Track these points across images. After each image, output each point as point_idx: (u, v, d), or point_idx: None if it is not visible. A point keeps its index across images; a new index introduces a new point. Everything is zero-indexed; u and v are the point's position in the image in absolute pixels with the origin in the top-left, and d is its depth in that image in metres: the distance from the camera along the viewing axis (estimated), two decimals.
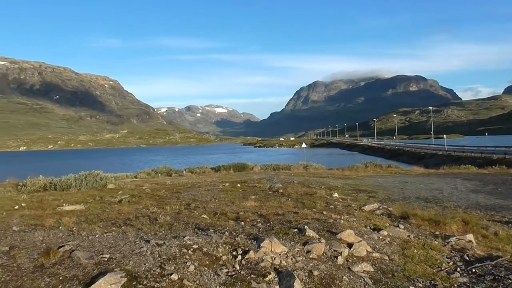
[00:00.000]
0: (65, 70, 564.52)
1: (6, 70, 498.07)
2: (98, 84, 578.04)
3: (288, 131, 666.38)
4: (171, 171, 28.69)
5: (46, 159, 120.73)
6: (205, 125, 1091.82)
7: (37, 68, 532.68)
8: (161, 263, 4.98)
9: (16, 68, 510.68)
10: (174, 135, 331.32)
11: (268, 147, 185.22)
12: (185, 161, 78.95)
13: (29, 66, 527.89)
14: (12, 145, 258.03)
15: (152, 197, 12.24)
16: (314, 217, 8.20)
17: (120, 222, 7.60)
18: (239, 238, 6.13)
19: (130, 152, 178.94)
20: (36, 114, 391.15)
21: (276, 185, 14.75)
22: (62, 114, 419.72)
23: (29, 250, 5.49)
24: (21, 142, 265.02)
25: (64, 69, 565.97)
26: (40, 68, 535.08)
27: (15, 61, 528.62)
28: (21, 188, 16.18)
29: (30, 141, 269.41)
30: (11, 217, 8.56)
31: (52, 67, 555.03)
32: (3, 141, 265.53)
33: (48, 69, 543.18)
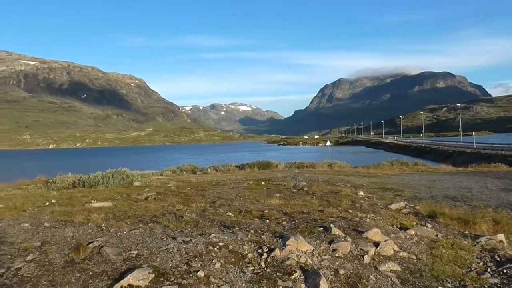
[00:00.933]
0: (93, 70, 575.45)
1: (36, 70, 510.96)
2: (124, 83, 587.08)
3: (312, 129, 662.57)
4: (196, 169, 28.86)
5: (74, 157, 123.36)
6: (229, 123, 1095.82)
7: (66, 67, 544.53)
8: (187, 260, 5.04)
9: (45, 68, 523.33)
10: (199, 133, 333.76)
11: (292, 145, 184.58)
12: (210, 159, 79.48)
13: (58, 66, 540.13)
14: (42, 143, 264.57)
15: (177, 194, 12.37)
16: (339, 216, 8.14)
17: (147, 219, 7.71)
18: (264, 236, 6.14)
19: (155, 150, 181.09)
20: (65, 112, 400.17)
21: (301, 183, 14.70)
22: (89, 113, 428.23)
23: (60, 245, 5.64)
24: (50, 140, 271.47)
25: (92, 68, 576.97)
26: (68, 67, 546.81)
27: (45, 61, 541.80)
28: (51, 185, 16.59)
29: (59, 139, 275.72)
30: (42, 213, 8.79)
31: (80, 66, 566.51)
32: (34, 139, 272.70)
33: (76, 68, 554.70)
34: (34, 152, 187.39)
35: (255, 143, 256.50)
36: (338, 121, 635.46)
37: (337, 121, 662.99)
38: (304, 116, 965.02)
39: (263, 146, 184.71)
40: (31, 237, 6.17)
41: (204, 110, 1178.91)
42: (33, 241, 5.88)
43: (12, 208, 9.83)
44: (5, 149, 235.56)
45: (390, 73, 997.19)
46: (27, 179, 19.91)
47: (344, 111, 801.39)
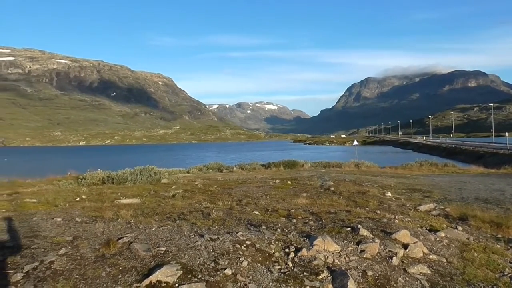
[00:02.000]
0: (122, 68, 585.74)
1: (68, 69, 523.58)
2: (152, 81, 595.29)
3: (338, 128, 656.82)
4: (222, 167, 29.02)
5: (103, 154, 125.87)
6: (255, 121, 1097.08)
7: (96, 66, 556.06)
8: (215, 257, 5.07)
9: (76, 67, 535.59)
10: (225, 132, 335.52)
11: (318, 144, 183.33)
12: (236, 157, 79.76)
13: (88, 65, 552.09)
14: (72, 140, 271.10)
15: (204, 192, 12.47)
16: (367, 216, 8.05)
17: (175, 216, 7.80)
18: (291, 236, 6.13)
19: (182, 147, 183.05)
20: (95, 110, 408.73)
21: (327, 182, 14.60)
22: (118, 111, 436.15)
23: (91, 240, 5.76)
24: (81, 137, 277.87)
25: (121, 67, 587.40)
26: (98, 66, 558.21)
27: (76, 60, 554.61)
28: (81, 181, 16.98)
29: (89, 136, 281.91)
30: (73, 208, 9.01)
31: (110, 65, 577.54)
32: (65, 136, 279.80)
33: (106, 67, 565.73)
34: (64, 149, 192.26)
35: (281, 142, 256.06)
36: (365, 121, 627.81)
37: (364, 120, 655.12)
38: (330, 115, 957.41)
39: (289, 145, 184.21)
40: (63, 231, 6.33)
41: (231, 109, 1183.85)
42: (65, 235, 6.04)
43: (45, 203, 10.12)
44: (38, 145, 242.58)
45: (420, 72, 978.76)
46: (58, 175, 20.46)
47: (371, 111, 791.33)
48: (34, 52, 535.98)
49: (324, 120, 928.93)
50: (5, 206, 9.57)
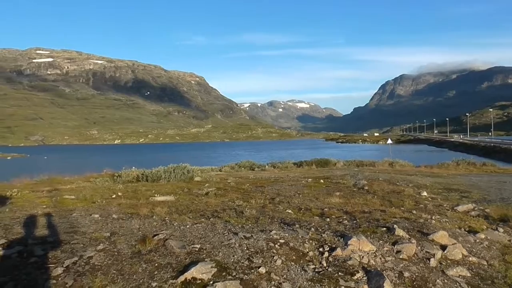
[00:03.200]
0: (155, 68, 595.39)
1: (103, 69, 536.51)
2: (185, 80, 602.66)
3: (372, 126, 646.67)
4: (254, 165, 29.07)
5: (138, 152, 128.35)
6: (286, 120, 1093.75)
7: (131, 66, 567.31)
8: (249, 255, 5.08)
9: (112, 67, 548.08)
10: (257, 130, 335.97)
11: (351, 143, 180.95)
12: (267, 156, 79.73)
13: (123, 65, 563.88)
14: (108, 138, 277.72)
15: (237, 190, 12.52)
16: (402, 216, 7.89)
17: (208, 214, 7.87)
18: (325, 235, 6.06)
19: (214, 146, 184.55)
20: (129, 109, 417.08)
21: (361, 181, 14.40)
22: (152, 110, 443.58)
23: (127, 236, 5.88)
24: (116, 136, 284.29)
25: (155, 67, 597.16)
26: (133, 66, 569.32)
27: (112, 60, 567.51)
28: (116, 179, 17.37)
29: (124, 134, 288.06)
30: (110, 205, 9.22)
31: (144, 65, 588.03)
32: (101, 134, 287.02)
33: (140, 67, 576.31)
34: (100, 147, 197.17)
35: (312, 140, 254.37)
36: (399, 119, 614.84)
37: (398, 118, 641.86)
38: (363, 113, 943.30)
39: (321, 144, 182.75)
40: (101, 227, 6.49)
41: (262, 107, 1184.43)
42: (103, 231, 6.18)
43: (83, 200, 10.39)
44: (75, 143, 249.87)
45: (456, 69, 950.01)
46: (95, 172, 20.99)
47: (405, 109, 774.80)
48: (72, 53, 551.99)
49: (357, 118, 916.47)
50: (45, 202, 9.88)
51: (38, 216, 7.43)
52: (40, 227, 6.53)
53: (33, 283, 4.37)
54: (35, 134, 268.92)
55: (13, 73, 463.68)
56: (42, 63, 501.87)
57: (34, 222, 6.90)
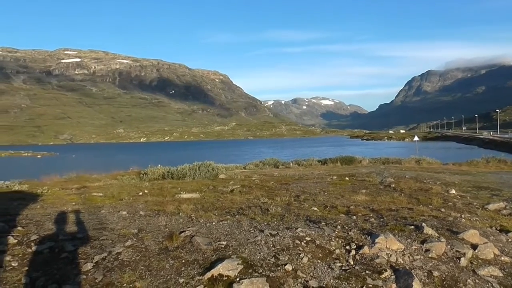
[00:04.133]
0: (180, 66, 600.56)
1: (129, 68, 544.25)
2: (209, 78, 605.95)
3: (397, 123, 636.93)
4: (278, 163, 28.99)
5: (163, 150, 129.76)
6: (311, 117, 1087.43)
7: (156, 65, 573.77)
8: (275, 253, 5.07)
9: (137, 66, 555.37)
10: (280, 128, 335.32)
11: (376, 140, 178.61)
12: (291, 153, 79.51)
13: (148, 64, 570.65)
14: (134, 137, 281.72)
15: (261, 188, 12.52)
16: (431, 214, 7.74)
17: (234, 211, 7.89)
18: (352, 233, 6.00)
19: (238, 143, 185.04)
20: (155, 108, 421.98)
21: (387, 179, 14.19)
22: (177, 108, 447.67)
23: (154, 233, 5.97)
24: (141, 134, 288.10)
25: (179, 65, 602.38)
26: (158, 65, 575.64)
27: (137, 60, 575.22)
28: (142, 176, 17.63)
29: (149, 133, 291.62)
30: (137, 202, 9.36)
31: (168, 64, 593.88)
32: (127, 133, 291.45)
33: (165, 66, 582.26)
34: (127, 145, 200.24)
35: (337, 137, 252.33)
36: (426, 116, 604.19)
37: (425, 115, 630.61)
38: (389, 110, 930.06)
39: (346, 141, 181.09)
40: (128, 224, 6.60)
41: (286, 105, 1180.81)
42: (131, 228, 6.29)
43: (110, 197, 10.59)
44: (102, 142, 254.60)
45: (486, 64, 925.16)
46: (121, 170, 21.35)
47: (432, 105, 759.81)
48: (99, 53, 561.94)
49: (382, 115, 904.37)
50: (74, 199, 10.11)
51: (68, 213, 7.61)
52: (70, 224, 6.68)
53: (64, 278, 4.47)
54: (63, 133, 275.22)
55: (42, 74, 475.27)
56: (70, 63, 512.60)
57: (64, 218, 7.07)
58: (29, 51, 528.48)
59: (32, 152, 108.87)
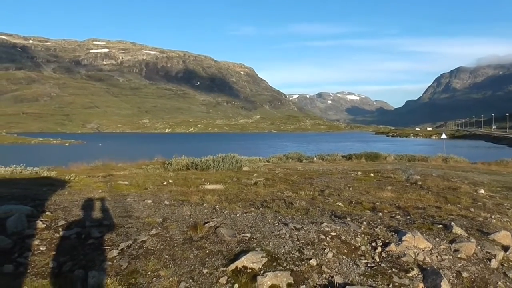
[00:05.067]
0: (206, 58, 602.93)
1: (156, 59, 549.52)
2: (234, 71, 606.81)
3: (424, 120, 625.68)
4: (302, 157, 28.84)
5: (187, 141, 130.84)
6: (335, 112, 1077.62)
7: (182, 56, 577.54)
8: (299, 247, 5.02)
9: (164, 57, 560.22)
10: (305, 122, 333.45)
11: (402, 137, 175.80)
12: (315, 148, 78.98)
13: (175, 55, 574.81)
14: (159, 127, 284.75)
15: (285, 181, 12.45)
16: (459, 214, 7.54)
17: (258, 204, 7.86)
18: (378, 229, 5.89)
19: (262, 137, 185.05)
20: (180, 99, 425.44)
21: (414, 176, 13.92)
22: (201, 100, 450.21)
23: (179, 223, 5.99)
24: (166, 125, 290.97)
25: (205, 57, 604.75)
26: (184, 56, 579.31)
27: (164, 51, 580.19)
28: (167, 166, 17.79)
29: (174, 123, 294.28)
30: (162, 191, 9.44)
31: (195, 55, 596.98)
32: (152, 123, 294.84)
33: (191, 57, 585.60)
34: (151, 135, 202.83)
35: (362, 133, 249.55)
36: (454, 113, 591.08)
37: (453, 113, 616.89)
38: (416, 106, 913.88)
39: (371, 137, 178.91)
40: (153, 213, 6.65)
41: (311, 99, 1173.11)
42: (156, 217, 6.33)
43: (136, 186, 10.71)
44: (128, 131, 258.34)
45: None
46: (146, 160, 21.60)
47: (461, 103, 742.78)
48: (126, 44, 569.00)
49: (409, 111, 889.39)
50: (101, 187, 10.27)
51: (95, 200, 7.72)
52: (96, 211, 6.78)
53: (90, 263, 4.53)
54: (91, 122, 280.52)
55: (71, 63, 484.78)
56: (98, 53, 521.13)
57: (91, 205, 7.17)
58: (59, 40, 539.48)
59: (61, 140, 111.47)
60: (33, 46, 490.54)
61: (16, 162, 16.43)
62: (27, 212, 6.04)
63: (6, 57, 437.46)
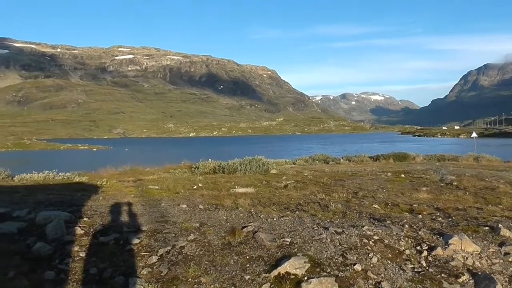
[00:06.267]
0: (229, 62, 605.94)
1: (179, 64, 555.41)
2: (257, 74, 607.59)
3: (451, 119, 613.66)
4: (328, 158, 28.55)
5: (212, 144, 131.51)
6: (360, 113, 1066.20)
7: (205, 61, 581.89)
8: (342, 252, 4.85)
9: (187, 62, 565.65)
10: (329, 123, 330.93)
11: (428, 137, 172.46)
12: (340, 149, 78.14)
13: (198, 60, 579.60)
14: (183, 131, 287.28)
15: (316, 183, 12.27)
16: (503, 215, 7.23)
17: (293, 207, 7.72)
18: (421, 232, 5.67)
19: (286, 139, 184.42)
20: (203, 103, 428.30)
21: (448, 177, 13.53)
22: (225, 103, 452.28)
23: (216, 228, 5.89)
24: (191, 129, 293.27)
25: (228, 61, 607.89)
26: (207, 61, 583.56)
27: (187, 56, 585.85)
28: (194, 170, 17.82)
29: (198, 127, 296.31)
30: (193, 195, 9.40)
31: (217, 59, 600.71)
32: (177, 127, 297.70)
33: (214, 61, 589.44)
34: (176, 140, 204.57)
35: (387, 133, 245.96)
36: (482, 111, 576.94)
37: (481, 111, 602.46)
38: (442, 105, 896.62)
39: (396, 137, 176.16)
40: (189, 218, 6.58)
41: (334, 100, 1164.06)
42: (192, 222, 6.26)
43: (167, 190, 10.71)
44: (153, 136, 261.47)
45: None
46: (173, 164, 21.71)
47: (490, 100, 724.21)
48: (150, 50, 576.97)
49: (435, 110, 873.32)
50: (132, 191, 10.30)
51: (130, 205, 7.72)
52: (132, 216, 6.76)
53: (130, 270, 4.48)
54: (117, 127, 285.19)
55: (97, 70, 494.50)
56: (123, 60, 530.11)
57: (127, 210, 7.17)
58: (86, 48, 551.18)
59: (88, 145, 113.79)
60: (61, 54, 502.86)
61: (47, 168, 16.74)
62: (66, 218, 6.06)
63: (36, 65, 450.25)
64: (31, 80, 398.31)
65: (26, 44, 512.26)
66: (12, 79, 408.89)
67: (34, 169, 16.41)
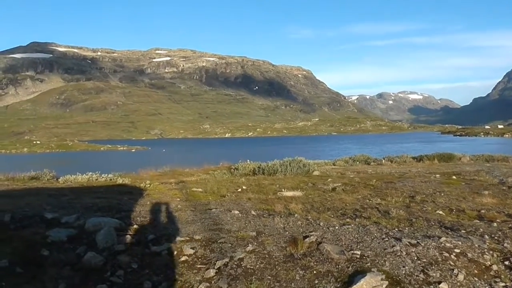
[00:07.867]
0: (264, 63, 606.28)
1: (215, 66, 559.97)
2: (292, 74, 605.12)
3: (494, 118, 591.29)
4: (369, 159, 27.72)
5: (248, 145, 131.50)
6: (397, 112, 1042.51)
7: (240, 62, 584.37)
8: (422, 267, 4.30)
9: (223, 63, 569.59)
10: (365, 123, 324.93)
11: (470, 136, 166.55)
12: (379, 150, 76.34)
13: (233, 61, 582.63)
14: (219, 132, 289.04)
15: (366, 186, 11.65)
16: None
17: (350, 213, 7.18)
18: (507, 244, 5.04)
19: (321, 139, 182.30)
20: (239, 104, 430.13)
21: (509, 179, 12.63)
22: (260, 104, 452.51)
23: (274, 237, 5.43)
24: (226, 130, 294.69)
25: (263, 62, 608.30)
26: (242, 62, 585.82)
27: (223, 57, 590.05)
28: (233, 171, 17.49)
29: (234, 128, 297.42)
30: (240, 199, 9.01)
31: (253, 60, 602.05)
32: (213, 128, 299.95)
33: (249, 62, 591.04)
34: (212, 140, 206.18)
35: (426, 133, 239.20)
36: None
37: None
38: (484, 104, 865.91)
39: (436, 137, 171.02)
40: (244, 225, 6.15)
41: (371, 100, 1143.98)
42: (248, 230, 5.81)
43: (211, 193, 10.38)
44: (189, 137, 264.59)
45: None
46: (212, 164, 21.49)
47: None
48: (187, 52, 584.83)
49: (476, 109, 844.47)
50: (177, 194, 10.03)
51: (178, 211, 7.40)
52: (183, 223, 6.41)
53: (187, 285, 4.11)
54: (154, 128, 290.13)
55: (136, 72, 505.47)
56: (160, 62, 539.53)
57: (177, 217, 6.84)
58: (125, 51, 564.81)
59: (127, 146, 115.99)
60: (101, 57, 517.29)
61: (89, 169, 16.84)
62: (115, 225, 5.77)
63: (77, 68, 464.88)
64: (73, 83, 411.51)
65: (69, 48, 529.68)
66: (56, 82, 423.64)
67: (76, 170, 16.52)
